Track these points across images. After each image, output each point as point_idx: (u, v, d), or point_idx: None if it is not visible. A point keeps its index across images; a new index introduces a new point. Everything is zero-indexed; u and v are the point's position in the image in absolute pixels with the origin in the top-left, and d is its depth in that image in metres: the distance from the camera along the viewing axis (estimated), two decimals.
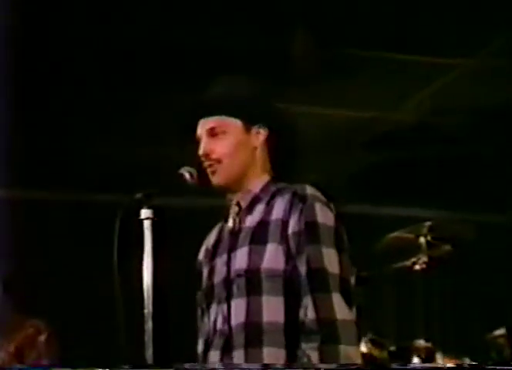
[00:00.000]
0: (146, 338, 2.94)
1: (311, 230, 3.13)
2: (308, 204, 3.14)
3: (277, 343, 3.10)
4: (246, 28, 5.33)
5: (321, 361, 3.07)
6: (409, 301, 5.43)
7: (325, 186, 3.29)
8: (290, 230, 3.11)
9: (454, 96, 6.17)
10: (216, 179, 3.19)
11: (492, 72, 5.93)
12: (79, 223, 5.99)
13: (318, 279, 3.11)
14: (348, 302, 3.12)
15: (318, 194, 3.19)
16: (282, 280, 3.11)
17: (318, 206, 3.14)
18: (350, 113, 6.45)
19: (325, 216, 3.15)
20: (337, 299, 3.10)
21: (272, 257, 3.15)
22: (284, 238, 3.15)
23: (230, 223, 3.33)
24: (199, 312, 3.38)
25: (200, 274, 3.36)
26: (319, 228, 3.14)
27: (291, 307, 3.12)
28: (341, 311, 3.09)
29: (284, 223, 3.16)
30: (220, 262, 3.27)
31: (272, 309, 3.11)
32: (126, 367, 2.93)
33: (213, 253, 3.34)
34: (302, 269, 3.11)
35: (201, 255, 3.40)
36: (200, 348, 3.25)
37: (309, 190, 3.17)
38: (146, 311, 2.97)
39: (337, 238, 3.15)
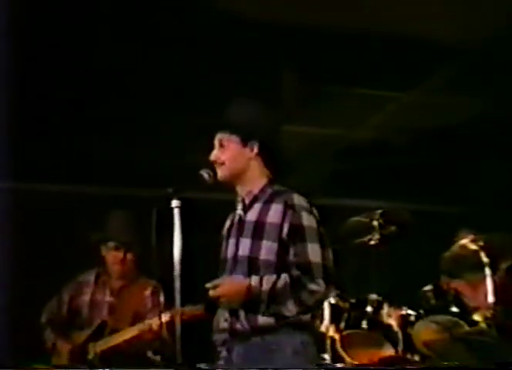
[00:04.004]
0: (176, 295, 3.45)
1: (298, 231, 3.54)
2: (297, 212, 3.55)
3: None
4: (246, 67, 5.60)
5: None
6: (366, 267, 5.69)
7: (303, 185, 3.77)
8: (284, 233, 3.54)
9: (400, 119, 6.72)
10: (220, 176, 3.66)
11: (430, 101, 6.40)
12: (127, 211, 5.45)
13: (304, 269, 3.51)
14: (328, 282, 3.52)
15: (304, 203, 3.59)
16: (274, 269, 3.55)
17: (303, 214, 3.56)
18: (322, 131, 6.92)
19: (309, 220, 3.56)
20: (320, 285, 3.50)
21: (267, 251, 3.56)
22: (277, 238, 3.55)
23: (237, 214, 3.77)
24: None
25: (221, 245, 3.83)
26: (305, 230, 3.53)
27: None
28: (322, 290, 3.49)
29: (279, 227, 3.56)
30: (232, 242, 3.72)
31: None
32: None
33: (228, 234, 3.79)
34: (291, 261, 3.52)
35: (224, 231, 3.85)
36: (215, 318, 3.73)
37: (296, 200, 3.58)
38: (175, 273, 3.47)
39: (320, 236, 3.57)
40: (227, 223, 3.84)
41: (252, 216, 3.67)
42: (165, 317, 3.94)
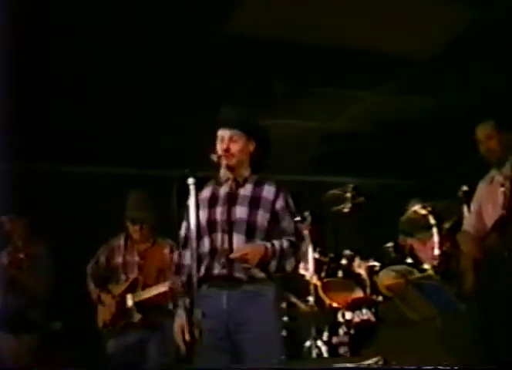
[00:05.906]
0: (192, 252, 3.74)
1: (287, 208, 3.98)
2: (286, 195, 3.99)
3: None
4: (242, 75, 6.09)
5: None
6: (341, 229, 6.42)
7: (292, 165, 4.16)
8: (276, 207, 3.95)
9: (366, 113, 7.21)
10: (229, 162, 3.96)
11: (389, 99, 6.92)
12: (147, 189, 5.62)
13: (296, 235, 3.96)
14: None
15: (289, 193, 4.02)
16: (266, 232, 3.93)
17: (289, 199, 4.01)
18: (305, 123, 7.37)
19: (292, 203, 4.00)
20: (303, 244, 4.10)
21: (262, 218, 3.91)
22: (270, 209, 3.92)
23: (226, 189, 3.99)
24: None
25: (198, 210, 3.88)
26: (291, 208, 3.98)
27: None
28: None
29: (272, 202, 3.94)
30: (221, 209, 3.93)
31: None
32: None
33: (210, 203, 3.96)
34: (284, 225, 3.98)
35: (203, 200, 3.97)
36: (203, 266, 3.88)
37: (284, 189, 4.00)
38: (192, 235, 3.75)
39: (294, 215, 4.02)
40: (206, 194, 4.01)
41: (246, 191, 3.96)
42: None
